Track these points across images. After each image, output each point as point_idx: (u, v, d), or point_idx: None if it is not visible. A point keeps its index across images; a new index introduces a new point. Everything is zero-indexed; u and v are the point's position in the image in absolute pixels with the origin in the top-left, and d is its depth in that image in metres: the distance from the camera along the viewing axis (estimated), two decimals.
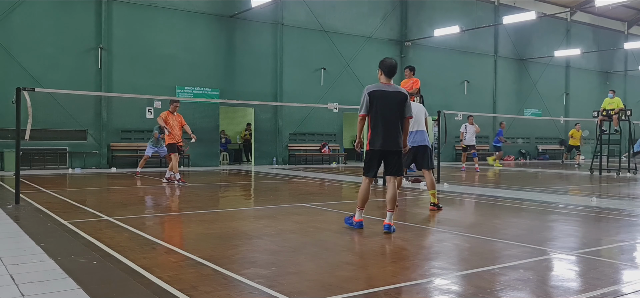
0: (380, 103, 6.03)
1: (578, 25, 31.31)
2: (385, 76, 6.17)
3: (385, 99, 6.05)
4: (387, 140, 6.03)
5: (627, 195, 11.34)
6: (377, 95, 6.06)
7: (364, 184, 6.22)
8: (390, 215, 6.09)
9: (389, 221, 6.06)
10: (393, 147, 6.08)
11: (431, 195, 8.09)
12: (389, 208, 6.10)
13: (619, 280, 4.32)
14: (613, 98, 16.94)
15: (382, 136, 6.01)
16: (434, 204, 8.04)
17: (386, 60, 6.23)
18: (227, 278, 4.13)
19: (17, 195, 8.39)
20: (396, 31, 24.37)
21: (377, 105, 6.03)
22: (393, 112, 6.05)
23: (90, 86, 17.28)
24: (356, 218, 6.22)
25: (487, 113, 26.46)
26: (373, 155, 6.13)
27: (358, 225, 6.20)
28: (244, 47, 20.37)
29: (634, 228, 6.96)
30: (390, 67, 6.17)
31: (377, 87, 6.12)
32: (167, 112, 12.40)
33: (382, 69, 6.19)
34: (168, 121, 12.27)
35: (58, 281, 3.98)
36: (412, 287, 4.01)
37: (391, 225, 6.05)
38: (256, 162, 21.09)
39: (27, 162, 16.04)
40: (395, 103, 6.08)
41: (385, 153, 6.09)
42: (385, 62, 6.21)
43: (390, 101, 6.06)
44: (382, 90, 6.09)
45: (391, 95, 6.08)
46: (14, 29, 16.43)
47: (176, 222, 7.35)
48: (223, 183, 13.81)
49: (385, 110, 6.02)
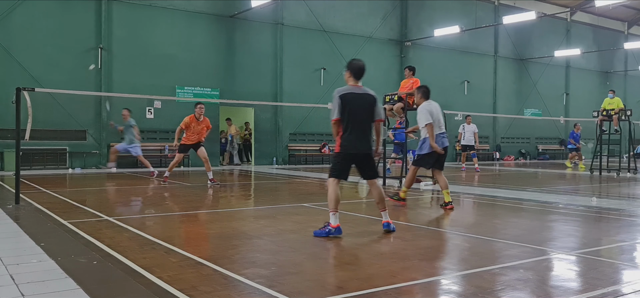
0: (353, 106, 5.81)
1: (578, 25, 31.31)
2: (354, 78, 5.95)
3: (357, 102, 5.84)
4: (360, 144, 5.86)
5: (627, 195, 11.34)
6: (349, 98, 5.82)
7: (332, 186, 5.85)
8: (385, 213, 6.08)
9: (387, 219, 6.07)
10: (366, 149, 5.92)
11: (446, 194, 8.20)
12: (382, 208, 6.09)
13: (619, 280, 4.32)
14: (613, 98, 16.94)
15: (355, 140, 5.81)
16: (450, 202, 8.15)
17: (354, 62, 6.02)
18: (227, 278, 4.13)
19: (17, 195, 8.39)
20: (396, 31, 24.37)
21: (349, 108, 5.79)
22: (365, 114, 5.88)
23: (90, 86, 17.28)
24: (333, 224, 5.75)
25: (487, 113, 26.46)
26: (345, 158, 5.89)
27: (337, 231, 5.73)
28: (244, 47, 20.37)
29: (634, 228, 6.96)
30: (359, 69, 5.96)
31: (348, 90, 5.89)
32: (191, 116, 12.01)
33: (351, 70, 5.97)
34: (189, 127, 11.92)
35: (58, 281, 3.98)
36: (412, 287, 4.01)
37: (390, 223, 6.06)
38: (256, 162, 21.09)
39: (27, 162, 16.04)
40: (366, 105, 5.90)
41: (357, 157, 5.92)
42: (354, 63, 6.00)
43: (362, 104, 5.87)
44: (353, 92, 5.88)
45: (362, 98, 5.89)
46: (14, 29, 16.43)
47: (176, 222, 7.35)
48: (223, 184, 13.81)
49: (357, 113, 5.82)
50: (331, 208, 5.77)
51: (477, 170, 18.02)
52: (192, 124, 11.98)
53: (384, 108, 12.58)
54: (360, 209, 8.85)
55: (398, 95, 12.16)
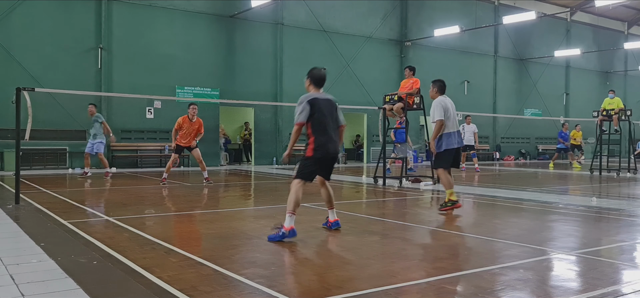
0: (321, 111, 5.88)
1: (578, 25, 31.31)
2: (315, 86, 6.03)
3: (325, 107, 5.93)
4: (333, 147, 5.96)
5: (627, 195, 11.34)
6: (316, 103, 5.87)
7: (298, 187, 5.81)
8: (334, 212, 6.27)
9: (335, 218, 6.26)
10: (336, 153, 6.08)
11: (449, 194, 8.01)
12: (331, 206, 6.25)
13: (619, 280, 4.32)
14: (613, 98, 16.94)
15: (328, 143, 5.90)
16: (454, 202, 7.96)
17: (315, 71, 6.08)
18: (227, 278, 4.12)
19: (17, 195, 8.39)
20: (396, 31, 24.37)
21: (319, 113, 5.86)
22: (332, 119, 5.99)
23: (90, 86, 17.29)
24: (288, 226, 5.57)
25: (487, 113, 26.47)
26: (317, 162, 5.94)
27: (291, 234, 5.56)
28: (244, 47, 20.37)
29: (634, 228, 6.96)
30: (320, 78, 6.05)
31: (313, 95, 5.95)
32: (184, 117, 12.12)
33: (312, 80, 6.04)
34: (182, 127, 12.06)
35: (58, 281, 3.98)
36: (412, 287, 4.01)
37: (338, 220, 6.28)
38: (256, 162, 21.09)
39: (27, 162, 16.05)
40: (333, 110, 6.02)
41: (327, 160, 6.03)
42: (314, 72, 6.06)
43: (329, 109, 5.98)
44: (319, 98, 5.94)
45: (328, 103, 6.01)
46: (14, 29, 16.43)
47: (176, 222, 7.35)
48: (223, 183, 13.80)
49: (326, 118, 5.92)
50: (290, 210, 5.65)
51: (477, 170, 18.02)
52: (185, 124, 12.09)
53: (383, 108, 12.61)
54: (360, 209, 8.85)
55: (398, 95, 12.16)
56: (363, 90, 22.79)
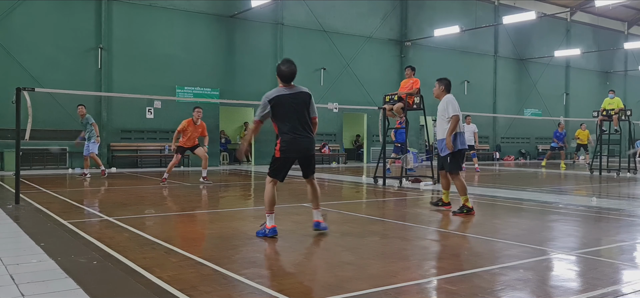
0: (285, 107, 5.64)
1: (578, 25, 31.31)
2: (282, 82, 5.77)
3: (289, 103, 5.65)
4: (304, 143, 5.72)
5: (627, 195, 11.34)
6: (280, 101, 5.63)
7: (269, 187, 5.75)
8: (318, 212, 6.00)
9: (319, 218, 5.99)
10: (308, 151, 5.79)
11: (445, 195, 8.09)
12: (316, 206, 6.01)
13: (619, 280, 4.32)
14: (613, 98, 16.95)
15: (295, 140, 5.67)
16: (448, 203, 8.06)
17: (282, 67, 5.74)
18: (227, 278, 4.12)
19: (17, 195, 8.39)
20: (396, 31, 24.37)
21: (282, 110, 5.64)
22: (301, 114, 5.69)
23: (90, 86, 17.29)
24: (269, 225, 5.67)
25: (487, 113, 26.47)
26: (285, 162, 5.77)
27: (272, 232, 5.64)
28: (244, 47, 20.37)
29: (634, 228, 6.96)
30: (286, 74, 5.71)
31: (277, 92, 5.69)
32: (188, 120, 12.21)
33: (280, 77, 5.76)
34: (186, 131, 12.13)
35: (58, 281, 3.98)
36: (412, 287, 4.01)
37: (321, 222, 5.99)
38: (256, 162, 21.08)
39: (27, 162, 16.04)
40: (300, 105, 5.70)
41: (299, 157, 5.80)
42: (281, 68, 5.73)
43: (295, 104, 5.67)
44: (284, 94, 5.66)
45: (296, 98, 5.70)
46: (14, 29, 16.43)
47: (176, 222, 7.35)
48: (223, 184, 13.80)
49: (292, 114, 5.65)
50: (266, 211, 5.70)
51: (477, 170, 18.02)
52: (189, 128, 12.18)
53: (383, 108, 12.61)
54: (360, 209, 8.85)
55: (398, 95, 12.16)
56: (363, 90, 22.79)
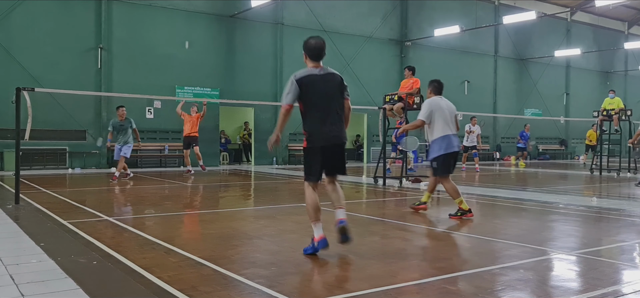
0: (317, 89, 4.90)
1: (578, 25, 31.30)
2: (312, 60, 5.00)
3: (321, 85, 4.92)
4: (335, 131, 4.93)
5: (627, 195, 11.34)
6: (309, 81, 4.88)
7: (309, 192, 4.94)
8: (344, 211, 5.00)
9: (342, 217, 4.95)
10: (340, 139, 5.00)
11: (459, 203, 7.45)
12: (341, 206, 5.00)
13: (619, 280, 4.31)
14: (613, 98, 16.95)
15: (324, 128, 4.90)
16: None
17: (311, 41, 5.00)
18: (227, 278, 4.12)
19: (17, 195, 8.39)
20: (396, 31, 24.36)
21: (312, 94, 4.88)
22: (334, 99, 4.96)
23: (90, 86, 17.28)
24: (317, 237, 4.82)
25: (487, 113, 26.45)
26: (315, 152, 4.94)
27: (322, 244, 4.79)
28: (244, 47, 20.37)
29: (634, 228, 6.96)
30: (316, 48, 4.96)
31: (307, 72, 4.95)
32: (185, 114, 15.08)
33: (307, 52, 5.00)
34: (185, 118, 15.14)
35: (58, 281, 3.98)
36: (412, 287, 4.01)
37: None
38: (256, 162, 21.08)
39: (27, 162, 16.04)
40: (332, 88, 4.97)
41: (330, 148, 4.97)
42: (310, 42, 4.99)
43: (327, 87, 4.95)
44: (314, 74, 4.94)
45: (327, 80, 4.97)
46: (14, 29, 16.43)
47: (176, 222, 7.35)
48: (223, 184, 13.81)
49: (323, 98, 4.91)
50: (311, 220, 4.87)
51: (477, 170, 18.02)
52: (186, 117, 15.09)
53: (383, 108, 12.60)
54: (360, 209, 8.84)
55: (398, 95, 12.16)
56: (363, 90, 22.78)
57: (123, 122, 13.15)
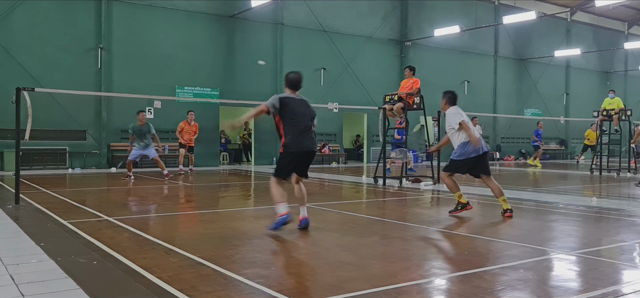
0: (295, 108, 6.13)
1: (578, 25, 31.30)
2: (291, 88, 6.29)
3: (297, 105, 6.19)
4: (308, 143, 6.17)
5: (627, 195, 11.34)
6: (289, 101, 6.15)
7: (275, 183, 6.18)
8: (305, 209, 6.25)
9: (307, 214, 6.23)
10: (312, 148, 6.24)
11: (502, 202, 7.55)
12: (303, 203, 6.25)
13: (619, 280, 4.32)
14: (613, 98, 16.95)
15: (300, 139, 6.10)
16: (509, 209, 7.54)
17: (291, 74, 6.37)
18: (227, 278, 4.12)
19: (17, 195, 8.39)
20: (396, 31, 24.36)
21: (291, 111, 6.10)
22: (307, 116, 6.21)
23: (90, 86, 17.28)
24: (282, 212, 5.98)
25: (487, 113, 26.45)
26: (292, 157, 6.17)
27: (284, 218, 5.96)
28: (244, 47, 20.36)
29: (634, 228, 6.96)
30: (294, 81, 6.32)
31: (288, 95, 6.24)
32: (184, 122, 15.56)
33: (287, 83, 6.32)
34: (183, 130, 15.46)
35: (58, 281, 3.98)
36: (412, 287, 4.01)
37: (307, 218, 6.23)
38: (256, 162, 21.08)
39: (27, 162, 16.03)
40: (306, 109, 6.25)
41: (305, 154, 6.21)
42: (291, 76, 6.36)
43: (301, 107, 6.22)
44: (293, 97, 6.22)
45: (302, 103, 6.27)
46: (14, 29, 16.42)
47: (176, 222, 7.35)
48: (223, 184, 13.81)
49: (298, 115, 6.14)
50: (276, 202, 6.02)
51: None
52: (185, 127, 15.45)
53: (383, 108, 12.60)
54: (360, 209, 8.85)
55: (398, 95, 12.16)
56: (363, 90, 22.78)
57: (143, 127, 13.11)
